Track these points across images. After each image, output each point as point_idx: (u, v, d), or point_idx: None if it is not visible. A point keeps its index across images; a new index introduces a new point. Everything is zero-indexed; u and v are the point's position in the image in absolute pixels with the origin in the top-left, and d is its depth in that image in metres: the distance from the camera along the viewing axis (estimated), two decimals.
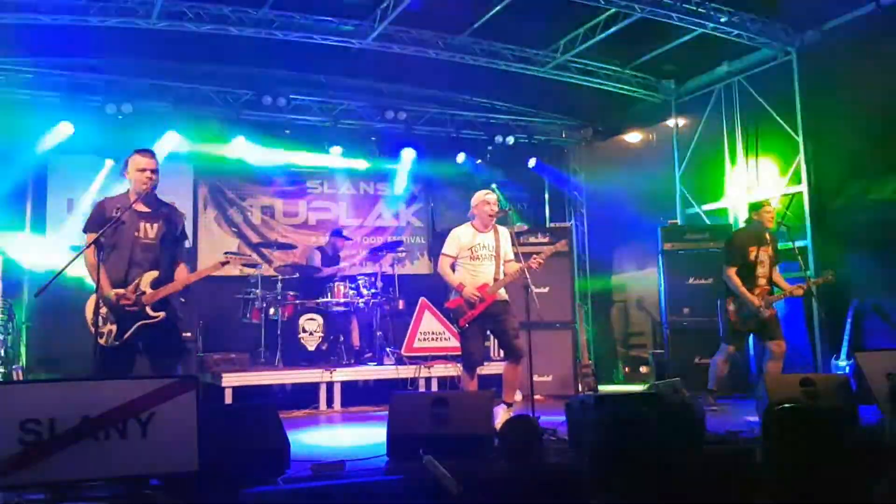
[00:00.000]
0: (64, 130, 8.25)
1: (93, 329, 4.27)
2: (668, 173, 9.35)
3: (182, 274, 4.69)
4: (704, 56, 8.53)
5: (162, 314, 4.52)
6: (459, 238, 5.62)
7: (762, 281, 6.30)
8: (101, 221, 4.47)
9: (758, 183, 8.31)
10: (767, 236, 6.40)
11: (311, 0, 7.39)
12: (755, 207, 6.60)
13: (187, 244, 5.13)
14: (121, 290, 4.44)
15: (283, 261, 9.01)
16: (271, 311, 7.96)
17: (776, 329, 6.27)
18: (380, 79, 9.32)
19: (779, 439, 1.93)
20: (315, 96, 9.43)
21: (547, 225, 10.50)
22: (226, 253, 4.92)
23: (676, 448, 2.14)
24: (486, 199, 5.62)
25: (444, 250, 5.67)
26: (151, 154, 4.64)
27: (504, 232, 5.70)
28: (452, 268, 5.64)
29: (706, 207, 8.97)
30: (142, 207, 4.59)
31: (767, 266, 6.34)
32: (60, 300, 5.58)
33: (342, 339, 8.08)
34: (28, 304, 8.17)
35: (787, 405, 2.00)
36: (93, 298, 4.33)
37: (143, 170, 4.54)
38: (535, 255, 5.49)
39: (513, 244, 5.67)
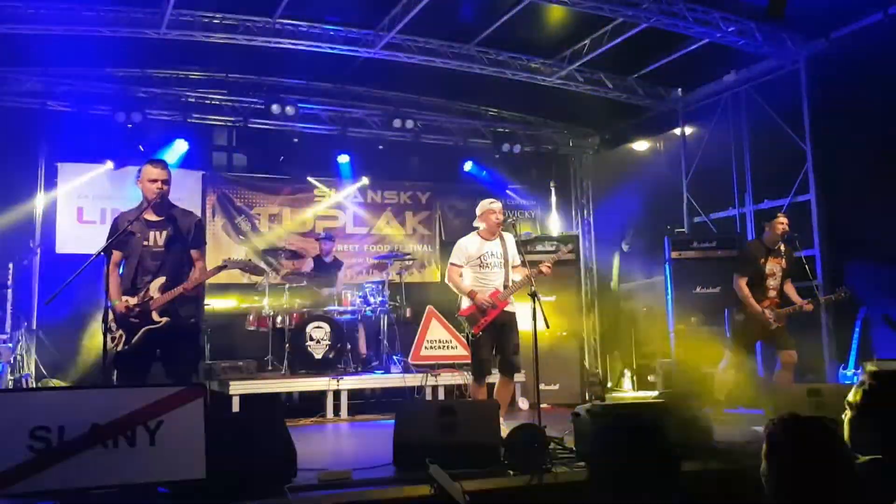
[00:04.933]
0: (75, 139, 8.33)
1: (105, 335, 4.34)
2: (676, 182, 9.34)
3: (193, 275, 4.75)
4: (712, 65, 8.53)
5: (166, 319, 4.57)
6: (466, 248, 5.64)
7: (772, 293, 6.27)
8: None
9: (765, 192, 8.29)
10: (782, 247, 6.36)
11: (319, 9, 7.45)
12: (767, 218, 6.57)
13: None
14: (129, 298, 4.52)
15: (291, 269, 9.02)
16: (278, 319, 7.98)
17: (787, 339, 6.24)
18: (388, 87, 9.36)
19: (782, 449, 1.93)
20: (323, 105, 9.49)
21: (554, 233, 10.49)
22: (225, 259, 4.96)
23: (683, 457, 2.14)
24: (493, 207, 5.65)
25: (451, 260, 5.69)
26: (164, 165, 4.70)
27: (510, 238, 5.74)
28: (462, 277, 5.66)
29: (713, 216, 8.96)
30: (152, 216, 4.68)
31: (779, 278, 6.30)
32: (70, 309, 5.64)
33: (349, 347, 8.08)
34: (38, 313, 8.21)
35: (790, 415, 2.00)
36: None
37: (155, 180, 4.61)
38: (544, 262, 5.52)
39: (519, 251, 5.69)
